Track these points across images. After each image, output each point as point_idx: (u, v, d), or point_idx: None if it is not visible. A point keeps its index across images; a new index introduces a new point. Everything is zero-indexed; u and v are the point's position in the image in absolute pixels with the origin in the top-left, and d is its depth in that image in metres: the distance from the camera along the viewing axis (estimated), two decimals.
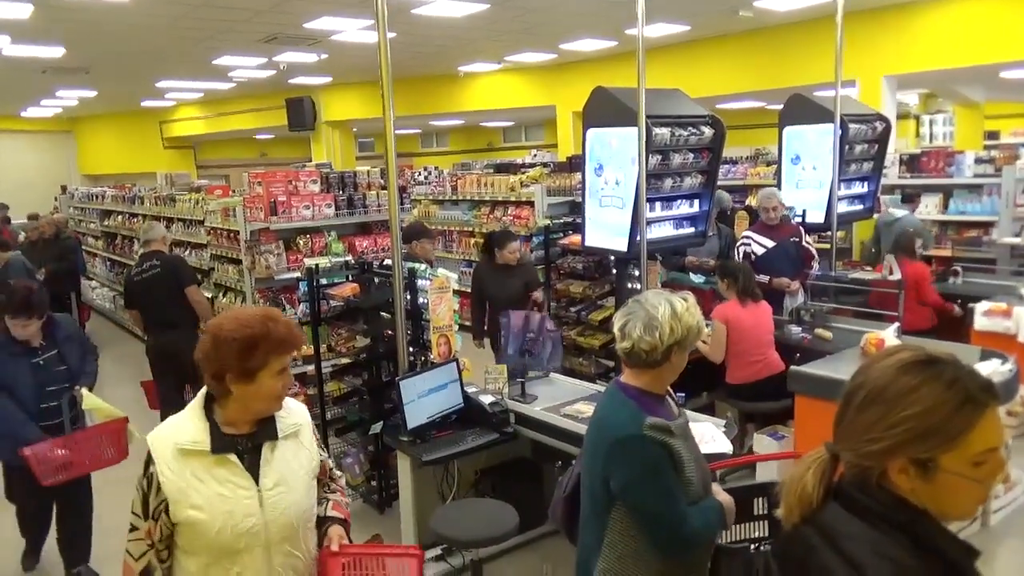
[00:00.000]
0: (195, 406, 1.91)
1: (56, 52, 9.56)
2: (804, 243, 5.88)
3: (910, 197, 7.36)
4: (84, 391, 3.76)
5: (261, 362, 1.83)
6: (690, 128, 5.23)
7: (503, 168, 9.50)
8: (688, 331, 2.13)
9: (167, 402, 5.41)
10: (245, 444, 1.89)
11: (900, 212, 7.09)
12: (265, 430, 1.93)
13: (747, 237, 5.82)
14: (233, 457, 1.86)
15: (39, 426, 3.65)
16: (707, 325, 4.51)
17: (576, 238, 5.88)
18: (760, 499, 2.52)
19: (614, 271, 5.78)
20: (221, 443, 1.85)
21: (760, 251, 5.68)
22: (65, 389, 3.74)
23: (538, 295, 5.53)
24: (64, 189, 14.64)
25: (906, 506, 1.18)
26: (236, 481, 1.85)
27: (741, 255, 5.72)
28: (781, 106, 7.15)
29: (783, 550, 1.31)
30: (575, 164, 7.01)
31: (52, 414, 3.71)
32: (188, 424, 1.87)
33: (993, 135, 13.19)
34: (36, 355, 3.68)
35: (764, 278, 5.39)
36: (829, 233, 6.66)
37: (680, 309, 2.15)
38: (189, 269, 5.66)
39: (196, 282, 5.50)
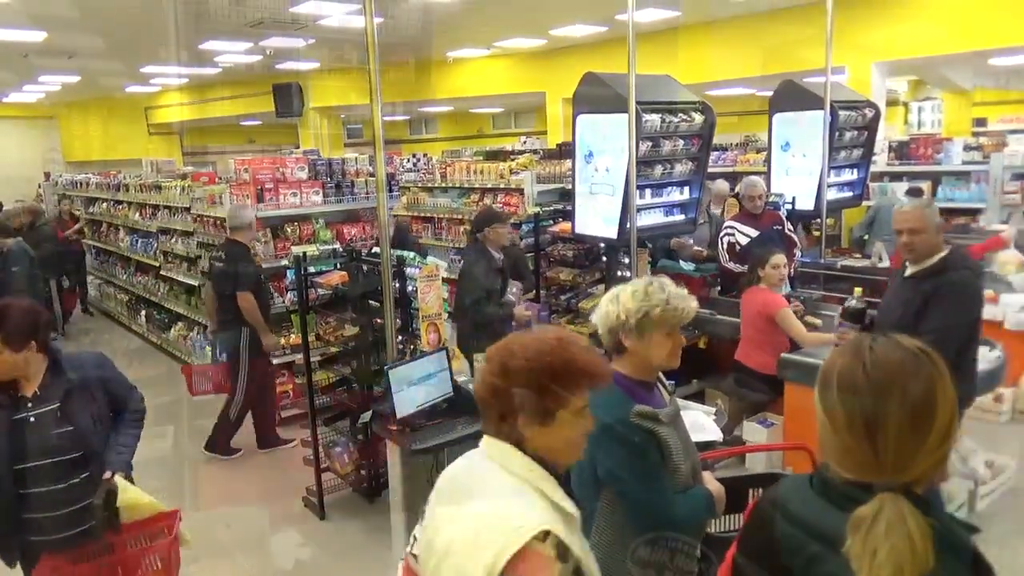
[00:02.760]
0: (525, 464, 1.47)
1: (38, 36, 9.40)
2: (787, 231, 5.85)
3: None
4: (119, 479, 2.55)
5: (561, 399, 1.46)
6: (681, 115, 5.20)
7: (493, 155, 9.44)
8: (628, 315, 2.05)
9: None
10: None
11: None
12: None
13: (731, 227, 5.67)
14: None
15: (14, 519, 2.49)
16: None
17: (566, 225, 5.86)
18: (754, 490, 2.51)
19: (604, 258, 5.76)
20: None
21: (744, 240, 5.62)
22: (69, 464, 2.54)
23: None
24: (48, 176, 14.46)
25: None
26: None
27: (725, 245, 5.63)
28: (771, 93, 7.13)
29: None
30: (565, 151, 6.97)
31: (43, 502, 2.52)
32: (554, 492, 1.45)
33: (981, 122, 13.19)
34: (22, 408, 2.52)
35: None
36: (818, 220, 6.66)
37: (625, 294, 2.08)
38: (247, 274, 5.22)
39: (250, 288, 5.18)
